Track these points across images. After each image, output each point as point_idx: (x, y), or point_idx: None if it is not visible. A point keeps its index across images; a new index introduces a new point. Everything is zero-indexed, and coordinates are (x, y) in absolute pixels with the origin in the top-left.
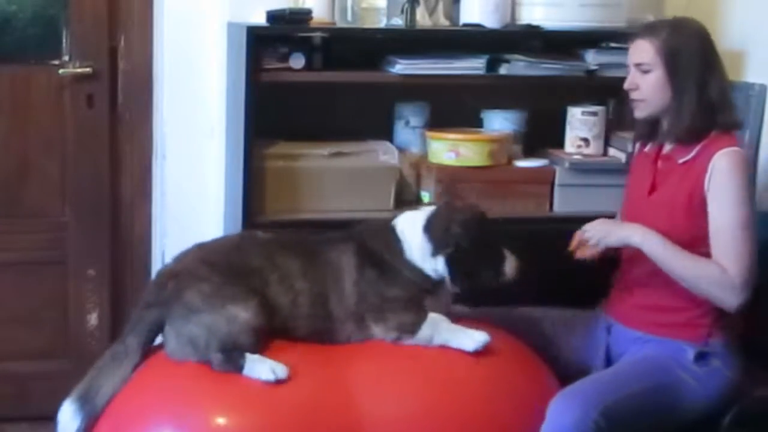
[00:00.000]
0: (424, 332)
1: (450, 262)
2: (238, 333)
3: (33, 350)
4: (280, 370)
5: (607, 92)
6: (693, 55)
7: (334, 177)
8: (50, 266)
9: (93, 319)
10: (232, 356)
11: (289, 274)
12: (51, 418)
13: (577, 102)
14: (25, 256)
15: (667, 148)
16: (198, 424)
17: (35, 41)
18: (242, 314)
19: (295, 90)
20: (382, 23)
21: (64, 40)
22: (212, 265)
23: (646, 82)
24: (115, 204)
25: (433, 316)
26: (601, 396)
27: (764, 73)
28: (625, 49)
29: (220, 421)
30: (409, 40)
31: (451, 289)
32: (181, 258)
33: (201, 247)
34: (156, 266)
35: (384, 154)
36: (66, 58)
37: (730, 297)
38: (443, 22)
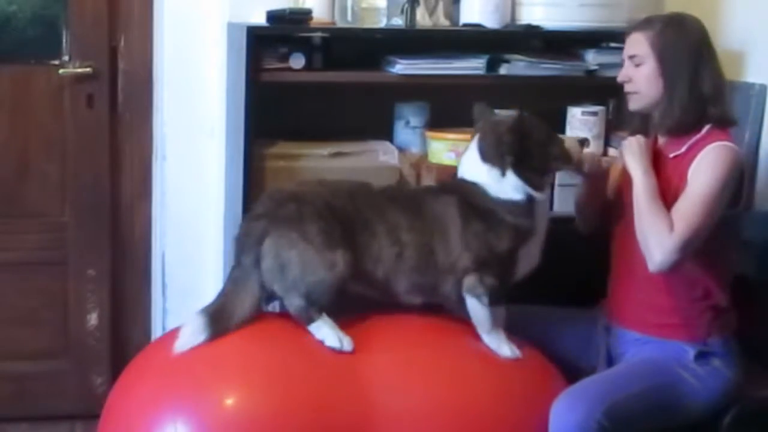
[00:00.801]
0: (495, 312)
1: (519, 172)
2: (329, 281)
3: (33, 350)
4: (347, 342)
5: (607, 92)
6: (686, 49)
7: (334, 177)
8: (50, 266)
9: (93, 319)
10: (311, 309)
11: (396, 226)
12: (51, 418)
13: (577, 102)
14: (25, 256)
15: (660, 141)
16: (209, 410)
17: (35, 41)
18: (341, 265)
19: (295, 90)
20: (382, 23)
21: (64, 40)
22: (332, 208)
23: (639, 75)
24: (115, 204)
25: (503, 310)
26: (604, 396)
27: (764, 73)
28: None
29: (232, 406)
30: (409, 40)
31: (540, 197)
32: (301, 186)
33: (322, 184)
34: (156, 266)
35: (384, 154)
36: (66, 58)
37: (658, 252)
38: (443, 22)
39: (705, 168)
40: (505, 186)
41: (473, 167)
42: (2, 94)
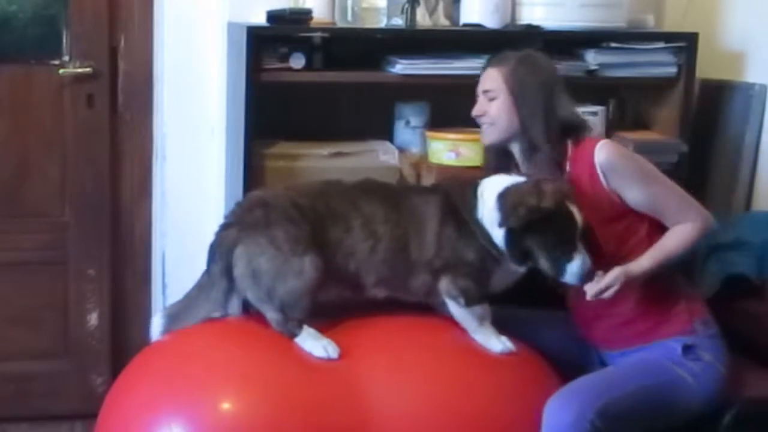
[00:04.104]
0: (475, 311)
1: (507, 238)
2: (300, 289)
3: (33, 350)
4: (332, 349)
5: (607, 92)
6: (537, 84)
7: (334, 177)
8: (50, 266)
9: (93, 319)
10: (289, 323)
11: (372, 219)
12: (51, 418)
13: (577, 102)
14: (25, 256)
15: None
16: (206, 413)
17: (35, 41)
18: (309, 272)
19: (295, 90)
20: (382, 23)
21: (64, 40)
22: (300, 208)
23: (494, 108)
24: (115, 204)
25: (486, 306)
26: (596, 395)
27: (764, 73)
28: (626, 49)
29: (229, 410)
30: (409, 40)
31: (515, 269)
32: (269, 191)
33: (289, 188)
34: (156, 266)
35: (384, 154)
36: (66, 58)
37: (711, 229)
38: (443, 22)
39: (629, 175)
40: (495, 230)
41: (491, 190)
42: (2, 94)
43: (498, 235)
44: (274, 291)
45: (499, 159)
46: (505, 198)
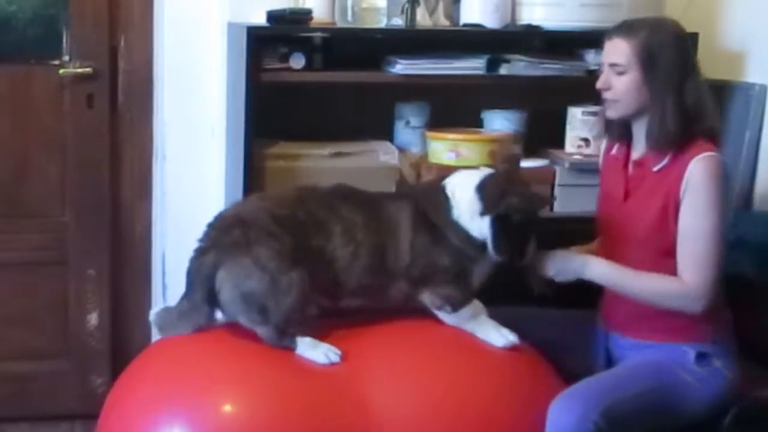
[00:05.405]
0: (465, 313)
1: (495, 226)
2: (292, 305)
3: (33, 350)
4: (333, 354)
5: None
6: (671, 58)
7: (334, 177)
8: (50, 266)
9: (93, 319)
10: (285, 338)
11: (352, 225)
12: (51, 418)
13: (577, 102)
14: (25, 256)
15: (637, 153)
16: (207, 416)
17: (35, 41)
18: (299, 285)
19: (295, 90)
20: (382, 23)
21: (64, 40)
22: (280, 220)
23: (621, 83)
24: (115, 204)
25: (476, 303)
26: (601, 397)
27: (764, 73)
28: None
29: (230, 412)
30: (409, 40)
31: (492, 256)
32: (243, 206)
33: (263, 198)
34: (156, 266)
35: (384, 154)
36: (66, 58)
37: (690, 306)
38: (443, 22)
39: (697, 197)
40: (474, 222)
41: (462, 187)
42: (2, 94)
43: (477, 227)
44: (267, 311)
45: (621, 129)
46: (488, 188)
